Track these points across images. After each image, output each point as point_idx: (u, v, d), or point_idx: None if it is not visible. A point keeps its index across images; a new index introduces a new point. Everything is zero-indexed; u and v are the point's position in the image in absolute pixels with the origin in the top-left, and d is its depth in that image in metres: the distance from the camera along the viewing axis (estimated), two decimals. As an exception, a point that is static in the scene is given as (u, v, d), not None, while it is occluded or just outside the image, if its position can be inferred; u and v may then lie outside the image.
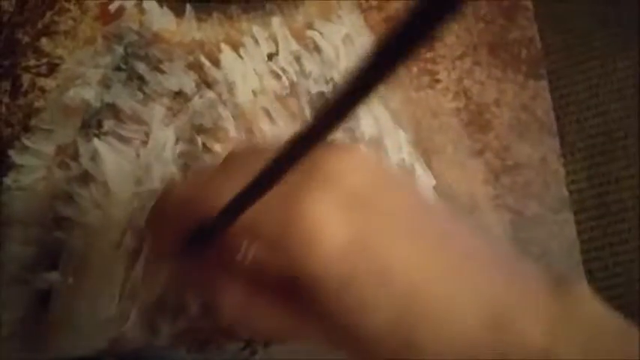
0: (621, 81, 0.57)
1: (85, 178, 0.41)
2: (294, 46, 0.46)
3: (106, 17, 0.44)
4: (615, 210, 0.54)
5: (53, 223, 0.40)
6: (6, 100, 0.41)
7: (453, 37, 0.47)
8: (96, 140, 0.42)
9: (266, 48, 0.45)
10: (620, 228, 0.55)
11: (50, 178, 0.40)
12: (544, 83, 0.47)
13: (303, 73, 0.45)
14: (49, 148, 0.41)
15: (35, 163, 0.41)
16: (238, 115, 0.44)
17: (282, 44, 0.46)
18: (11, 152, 0.40)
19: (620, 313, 0.22)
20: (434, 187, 0.44)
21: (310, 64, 0.45)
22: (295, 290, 0.21)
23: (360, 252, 0.20)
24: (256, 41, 0.45)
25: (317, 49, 0.46)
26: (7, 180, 0.40)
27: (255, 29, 0.46)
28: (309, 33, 0.46)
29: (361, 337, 0.21)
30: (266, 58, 0.45)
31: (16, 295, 0.38)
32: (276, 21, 0.46)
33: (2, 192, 0.39)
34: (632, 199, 0.54)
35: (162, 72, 0.44)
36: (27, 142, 0.41)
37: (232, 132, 0.43)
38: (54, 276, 0.39)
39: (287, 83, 0.45)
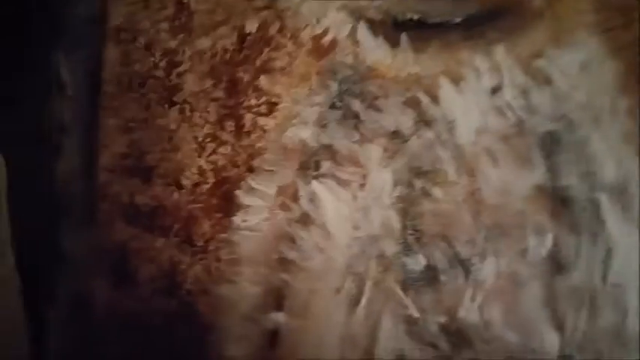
0: None
1: (306, 220, 0.42)
2: (521, 77, 0.41)
3: (320, 51, 0.44)
4: None
5: (278, 265, 0.41)
6: (231, 140, 0.42)
7: None
8: (314, 182, 0.42)
9: (489, 81, 0.42)
10: None
11: (273, 219, 0.42)
12: None
13: (530, 108, 0.41)
14: (271, 190, 0.42)
15: (260, 204, 0.42)
16: (458, 156, 0.41)
17: (507, 76, 0.41)
18: (238, 193, 0.42)
19: None
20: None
21: (539, 99, 0.41)
22: None
23: None
24: (478, 73, 0.42)
25: (547, 80, 0.41)
26: (237, 220, 0.42)
27: (478, 60, 0.42)
28: (538, 62, 0.41)
29: None
30: (489, 93, 0.42)
31: (247, 332, 0.41)
32: (500, 49, 0.42)
33: (233, 231, 0.41)
34: None
35: (378, 110, 0.42)
36: (252, 183, 0.42)
37: (452, 175, 0.41)
38: (280, 317, 0.40)
39: (513, 121, 0.41)
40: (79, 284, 0.45)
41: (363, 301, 0.40)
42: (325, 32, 0.44)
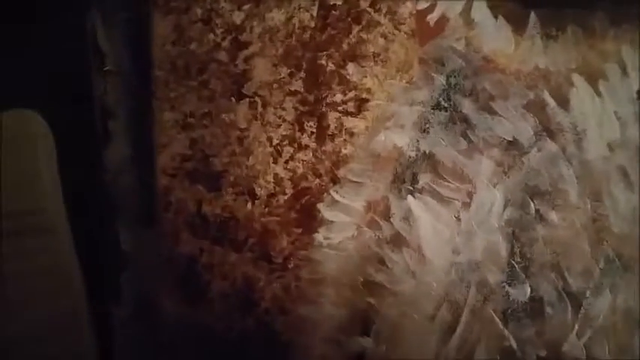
0: None
1: (397, 241, 0.37)
2: (681, 78, 0.33)
3: (424, 32, 0.35)
4: None
5: (364, 287, 0.37)
6: (312, 144, 0.36)
7: None
8: (410, 198, 0.36)
9: (638, 80, 0.33)
10: None
11: (360, 237, 0.37)
12: None
13: (686, 119, 0.33)
14: (358, 204, 0.37)
15: (345, 220, 0.37)
16: (585, 175, 0.34)
17: (663, 76, 0.33)
18: (321, 206, 0.37)
19: None
20: None
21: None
22: None
23: None
24: (624, 70, 0.33)
25: None
26: (319, 236, 0.37)
27: (626, 51, 0.33)
28: None
29: None
30: (635, 96, 0.34)
31: (329, 354, 0.38)
32: (658, 39, 0.33)
33: (314, 249, 0.37)
34: None
35: (493, 113, 0.35)
36: (336, 196, 0.37)
37: (574, 197, 0.35)
38: (366, 342, 0.38)
39: (659, 134, 0.33)
40: (144, 286, 0.42)
41: (459, 329, 0.37)
42: (432, 7, 0.35)
